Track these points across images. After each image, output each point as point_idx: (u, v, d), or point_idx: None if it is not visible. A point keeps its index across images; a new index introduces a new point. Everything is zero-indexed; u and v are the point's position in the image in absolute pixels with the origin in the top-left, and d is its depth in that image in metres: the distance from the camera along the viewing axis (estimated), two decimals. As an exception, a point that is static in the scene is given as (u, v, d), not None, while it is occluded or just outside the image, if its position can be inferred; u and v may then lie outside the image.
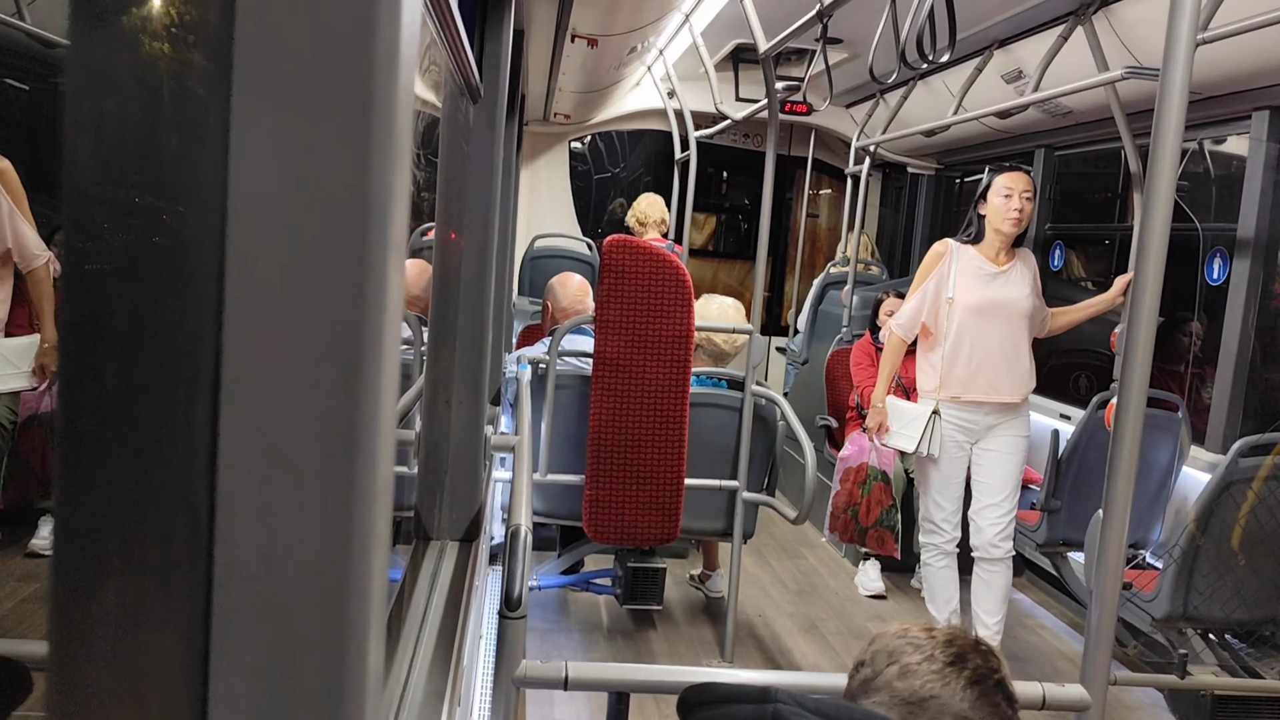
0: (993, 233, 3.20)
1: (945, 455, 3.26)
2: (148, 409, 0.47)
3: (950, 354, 3.22)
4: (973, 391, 3.20)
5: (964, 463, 3.28)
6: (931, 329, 3.28)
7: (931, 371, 3.30)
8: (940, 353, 3.25)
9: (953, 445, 3.26)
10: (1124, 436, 1.54)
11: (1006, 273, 3.22)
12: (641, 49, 4.80)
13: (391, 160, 0.45)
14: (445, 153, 1.76)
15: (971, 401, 3.21)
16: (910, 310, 3.33)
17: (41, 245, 0.76)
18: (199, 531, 0.45)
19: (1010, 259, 3.23)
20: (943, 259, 3.24)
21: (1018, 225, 3.16)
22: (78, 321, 0.47)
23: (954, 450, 3.26)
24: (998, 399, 3.20)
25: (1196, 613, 2.79)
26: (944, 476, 3.28)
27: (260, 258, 0.43)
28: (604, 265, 2.95)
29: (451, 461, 1.96)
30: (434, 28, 1.29)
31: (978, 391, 3.19)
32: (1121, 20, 3.31)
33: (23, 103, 0.62)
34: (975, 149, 5.45)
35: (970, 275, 3.21)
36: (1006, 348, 3.20)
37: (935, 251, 3.31)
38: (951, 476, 3.28)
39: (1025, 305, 3.20)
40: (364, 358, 0.44)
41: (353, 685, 0.46)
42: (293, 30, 0.43)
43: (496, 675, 1.56)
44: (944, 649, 1.11)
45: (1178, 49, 1.47)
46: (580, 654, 3.35)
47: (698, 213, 6.65)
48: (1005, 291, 3.21)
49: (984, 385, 3.19)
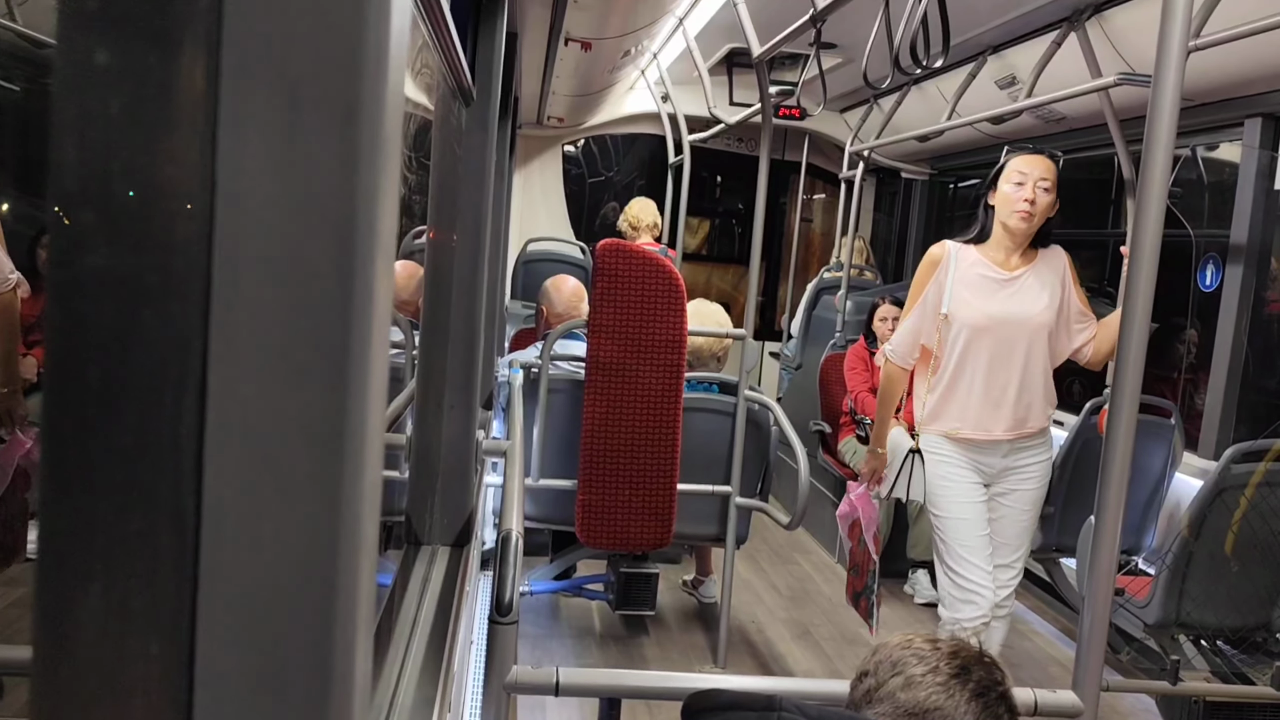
0: (1000, 229, 2.64)
1: (960, 499, 2.66)
2: (133, 412, 0.47)
3: (949, 382, 2.66)
4: (973, 427, 2.65)
5: (985, 505, 2.69)
6: (934, 349, 2.72)
7: (923, 399, 2.74)
8: (936, 378, 2.70)
9: (969, 486, 2.67)
10: (1116, 442, 1.54)
11: (1017, 280, 2.63)
12: (635, 53, 4.80)
13: (381, 162, 0.44)
14: (437, 155, 1.76)
15: (972, 440, 2.66)
16: (907, 332, 2.76)
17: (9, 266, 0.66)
18: (184, 536, 0.44)
19: (1025, 263, 2.64)
20: (939, 266, 2.69)
21: (1027, 220, 2.57)
22: (63, 323, 0.47)
23: (971, 492, 2.66)
24: (1003, 435, 2.65)
25: (1189, 619, 2.79)
26: (965, 522, 2.65)
27: (247, 260, 0.43)
28: (597, 269, 2.95)
29: (443, 466, 1.95)
30: (426, 30, 1.29)
31: (979, 428, 2.65)
32: (1114, 27, 3.32)
33: (6, 104, 0.62)
34: (969, 154, 5.47)
35: (971, 285, 2.64)
36: (1017, 376, 2.61)
37: (931, 257, 2.73)
38: (978, 528, 2.65)
39: (1043, 320, 2.61)
40: (351, 360, 0.44)
41: (340, 691, 0.46)
42: (281, 32, 0.42)
43: (487, 681, 1.55)
44: (948, 661, 1.11)
45: (1170, 55, 1.47)
46: (572, 660, 3.34)
47: (691, 217, 6.65)
48: (1016, 304, 2.61)
49: (987, 420, 2.63)
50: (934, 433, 2.72)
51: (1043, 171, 2.58)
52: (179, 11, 0.45)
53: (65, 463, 0.46)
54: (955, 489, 2.67)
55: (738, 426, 3.21)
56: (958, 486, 2.67)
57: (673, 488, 3.06)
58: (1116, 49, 3.35)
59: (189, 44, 0.44)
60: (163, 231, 0.46)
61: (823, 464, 4.60)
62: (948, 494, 2.68)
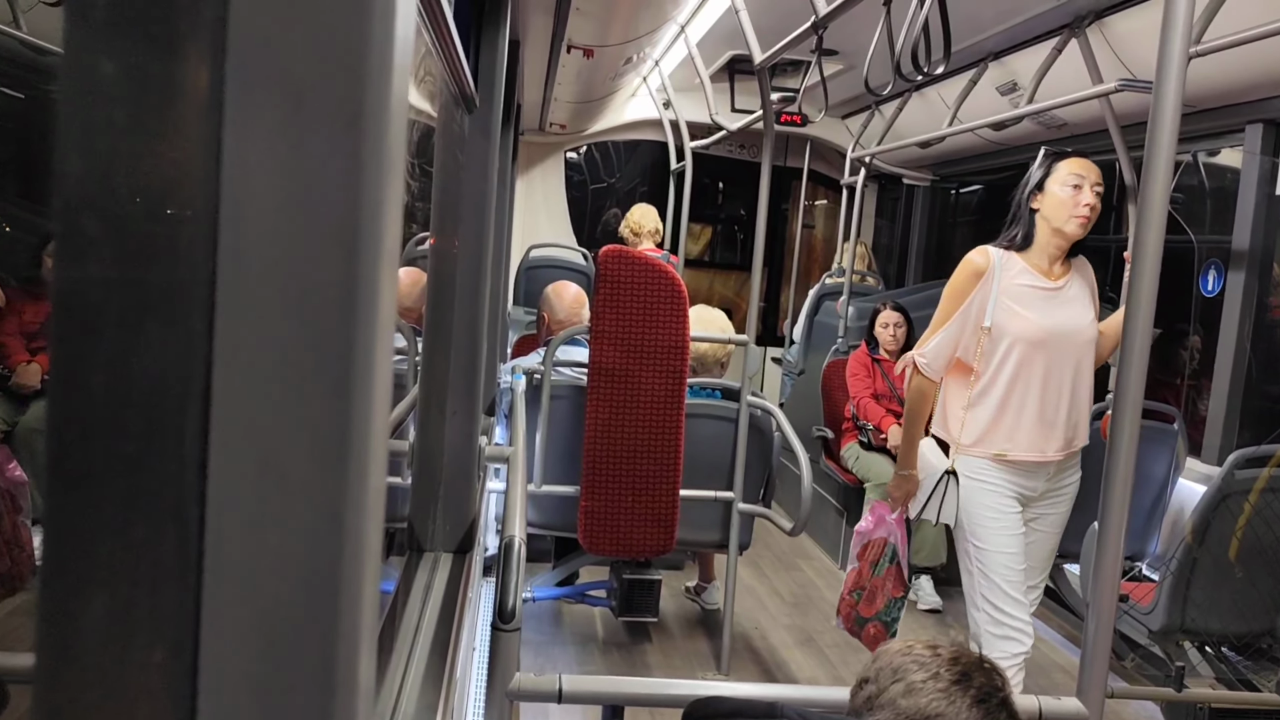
0: (1049, 236, 2.47)
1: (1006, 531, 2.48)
2: (137, 419, 0.47)
3: (1000, 400, 2.47)
4: (1025, 448, 2.47)
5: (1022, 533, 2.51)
6: (971, 364, 2.53)
7: (960, 416, 2.54)
8: (981, 395, 2.50)
9: (1014, 517, 2.50)
10: (1120, 448, 1.54)
11: (1063, 290, 2.48)
12: (637, 60, 4.81)
13: (384, 169, 0.44)
14: (440, 162, 1.76)
15: (1023, 462, 2.48)
16: (944, 344, 2.54)
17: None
18: (188, 543, 0.44)
19: (1065, 272, 2.51)
20: (983, 275, 2.49)
21: (1085, 225, 2.44)
22: (67, 330, 0.47)
23: (1015, 523, 2.50)
24: (1054, 456, 2.49)
25: (1193, 625, 2.79)
26: (1009, 555, 2.47)
27: (252, 267, 0.43)
28: (599, 275, 2.95)
29: (446, 472, 1.95)
30: (429, 38, 1.29)
31: (1032, 449, 2.47)
32: (1115, 33, 3.33)
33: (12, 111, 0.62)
34: (970, 160, 5.47)
35: (1020, 296, 2.47)
36: (1068, 393, 2.47)
37: (973, 266, 2.51)
38: (1019, 561, 2.48)
39: (1092, 333, 2.49)
40: (355, 367, 0.44)
41: (343, 698, 0.46)
42: (286, 40, 0.42)
43: (490, 688, 1.55)
44: (949, 667, 1.11)
45: (1171, 62, 1.47)
46: (575, 667, 3.33)
47: (693, 223, 6.66)
48: (1065, 316, 2.47)
49: (1040, 440, 2.47)
50: (978, 455, 2.51)
51: (1096, 176, 2.47)
52: (184, 20, 0.45)
53: (70, 471, 0.46)
54: (1001, 520, 2.49)
55: (740, 432, 3.21)
56: (1004, 518, 2.49)
57: (675, 494, 3.05)
58: (1117, 55, 3.35)
59: (194, 53, 0.44)
60: (167, 239, 0.46)
61: (825, 470, 4.60)
62: (992, 525, 2.49)
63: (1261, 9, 2.47)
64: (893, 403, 4.33)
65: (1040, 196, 2.48)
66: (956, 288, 2.54)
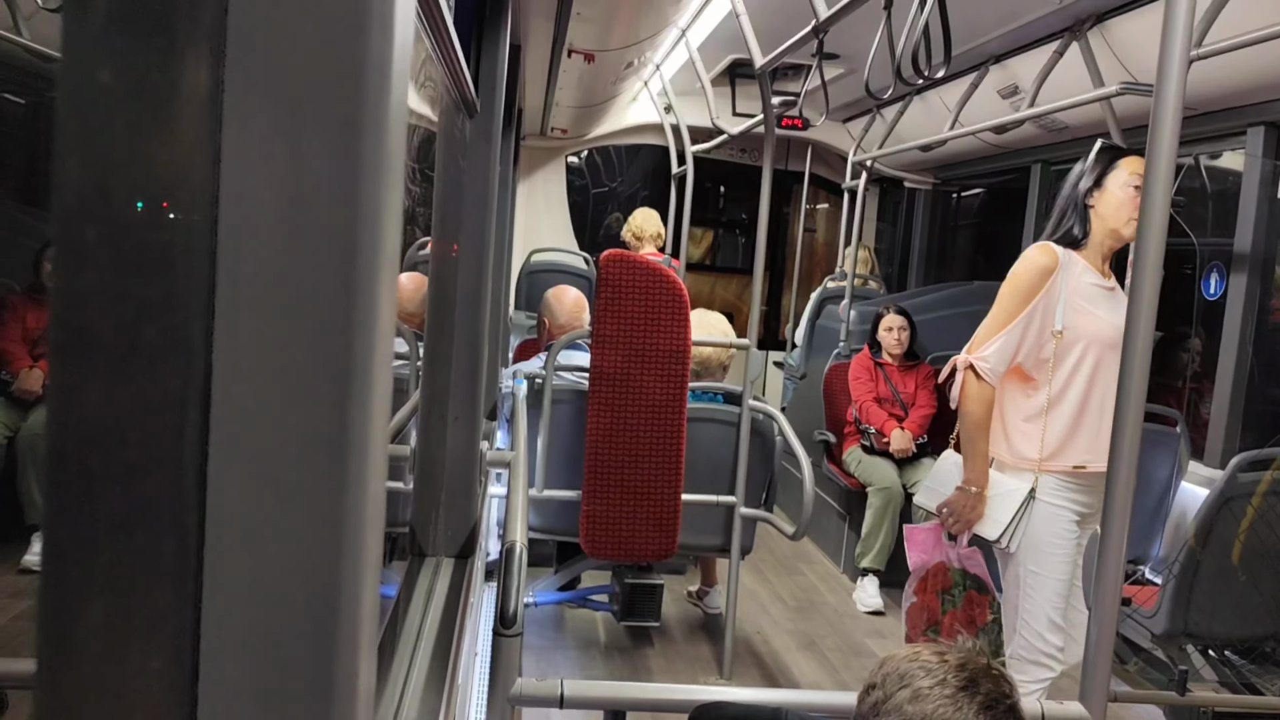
0: (1104, 235, 2.34)
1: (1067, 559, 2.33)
2: (137, 424, 0.47)
3: (1077, 408, 2.29)
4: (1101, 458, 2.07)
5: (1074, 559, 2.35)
6: (1032, 371, 2.35)
7: (1032, 431, 2.34)
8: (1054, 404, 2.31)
9: (1069, 540, 2.33)
10: (1122, 451, 1.54)
11: (1116, 290, 2.35)
12: (638, 64, 4.81)
13: (384, 174, 0.44)
14: (442, 167, 1.76)
15: (1097, 474, 2.18)
16: (1005, 346, 2.32)
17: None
18: (188, 549, 0.44)
19: (1110, 272, 2.41)
20: (1053, 274, 2.31)
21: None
22: (67, 335, 0.47)
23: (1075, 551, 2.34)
24: None
25: (1197, 629, 2.78)
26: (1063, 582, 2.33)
27: (251, 272, 0.43)
28: (601, 280, 2.95)
29: (447, 477, 1.95)
30: (429, 43, 1.30)
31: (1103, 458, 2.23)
32: (1116, 36, 3.33)
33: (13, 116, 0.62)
34: (972, 164, 5.47)
35: (1087, 295, 2.32)
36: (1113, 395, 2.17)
37: (1041, 264, 2.33)
38: (1068, 589, 2.34)
39: None
40: (355, 373, 0.44)
41: (344, 704, 0.46)
42: (285, 45, 0.42)
43: (492, 693, 1.55)
44: (956, 673, 1.10)
45: (1172, 64, 1.47)
46: (577, 671, 3.33)
47: (695, 227, 6.66)
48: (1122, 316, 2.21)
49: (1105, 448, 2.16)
50: (1054, 471, 2.33)
51: None
52: (184, 25, 0.45)
53: (70, 478, 0.46)
54: (1064, 548, 2.34)
55: (742, 436, 3.21)
56: (1067, 544, 2.34)
57: (677, 498, 3.05)
58: (1119, 58, 3.35)
59: (194, 58, 0.44)
60: (167, 244, 0.46)
61: (827, 474, 4.59)
62: (1055, 553, 2.33)
63: (1263, 12, 2.47)
64: (895, 407, 4.33)
65: (1099, 194, 2.34)
66: (1021, 287, 2.34)
